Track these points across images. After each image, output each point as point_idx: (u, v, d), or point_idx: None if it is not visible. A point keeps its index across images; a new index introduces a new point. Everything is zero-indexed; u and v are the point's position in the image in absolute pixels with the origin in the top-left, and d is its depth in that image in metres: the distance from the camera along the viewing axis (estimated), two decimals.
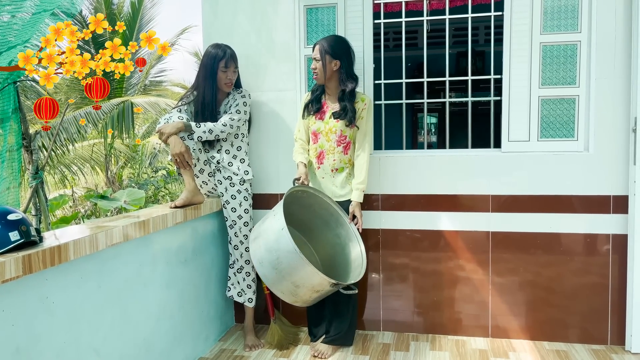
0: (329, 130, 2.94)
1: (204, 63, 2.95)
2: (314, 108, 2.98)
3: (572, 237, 2.98)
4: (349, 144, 2.95)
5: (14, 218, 1.72)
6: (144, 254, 2.42)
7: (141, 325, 2.38)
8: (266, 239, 2.58)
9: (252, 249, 2.66)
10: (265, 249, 2.56)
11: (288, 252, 2.47)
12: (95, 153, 11.30)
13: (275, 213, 2.62)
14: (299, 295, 2.60)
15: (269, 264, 2.54)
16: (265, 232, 2.61)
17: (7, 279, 1.58)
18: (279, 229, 2.52)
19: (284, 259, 2.49)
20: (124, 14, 12.19)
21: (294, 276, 2.51)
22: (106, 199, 5.93)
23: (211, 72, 2.92)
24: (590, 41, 2.89)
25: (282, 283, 2.56)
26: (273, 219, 2.61)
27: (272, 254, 2.52)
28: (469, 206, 3.09)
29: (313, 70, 2.89)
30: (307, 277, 2.51)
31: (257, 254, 2.61)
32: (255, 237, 2.67)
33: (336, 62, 2.86)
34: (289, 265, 2.49)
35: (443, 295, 3.16)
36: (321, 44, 2.85)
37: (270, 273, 2.55)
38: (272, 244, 2.53)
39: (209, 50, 2.96)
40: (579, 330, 3.00)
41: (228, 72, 2.93)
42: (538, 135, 3.00)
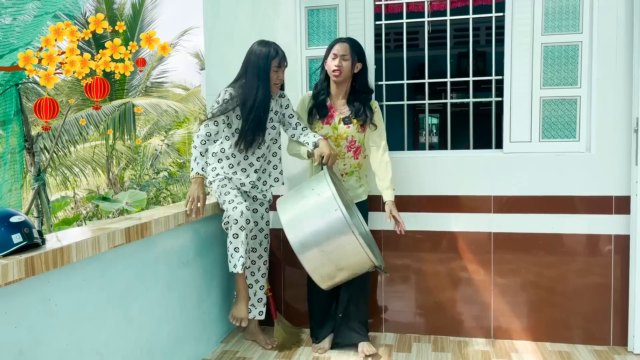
0: (338, 136, 2.88)
1: (253, 62, 2.74)
2: (320, 114, 2.89)
3: (574, 238, 2.97)
4: (359, 149, 2.93)
5: (16, 220, 1.72)
6: (146, 256, 2.43)
7: (143, 327, 2.38)
8: (311, 219, 2.46)
9: (290, 229, 2.49)
10: (311, 232, 2.44)
11: (341, 232, 2.39)
12: (96, 155, 11.31)
13: (318, 192, 2.49)
14: (336, 278, 2.53)
15: (315, 246, 2.43)
16: (307, 211, 2.50)
17: (9, 281, 1.58)
18: (330, 208, 2.41)
19: (334, 239, 2.41)
20: (125, 16, 12.21)
21: (343, 261, 2.45)
22: (108, 200, 5.93)
23: (264, 72, 2.71)
24: (592, 42, 2.89)
25: (326, 267, 2.48)
26: (317, 197, 2.48)
27: (320, 236, 2.42)
28: (471, 207, 3.08)
29: (337, 67, 2.75)
30: (357, 262, 2.46)
31: (299, 234, 2.46)
32: (292, 217, 2.52)
33: (358, 65, 2.81)
34: (341, 249, 2.42)
35: (445, 297, 3.16)
36: (348, 42, 2.78)
37: (316, 257, 2.45)
38: (321, 225, 2.42)
39: (257, 49, 2.76)
40: (581, 331, 3.00)
41: (279, 72, 2.78)
42: (540, 135, 3.00)
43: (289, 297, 3.37)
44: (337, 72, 2.77)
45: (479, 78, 3.21)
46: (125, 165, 12.06)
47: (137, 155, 11.79)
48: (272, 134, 2.92)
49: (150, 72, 13.89)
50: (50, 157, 9.41)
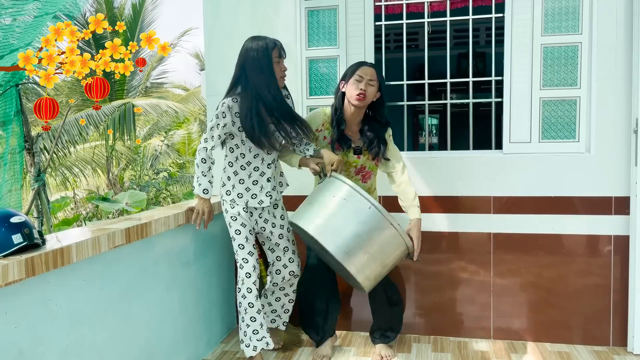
0: (347, 162, 2.74)
1: (252, 57, 2.50)
2: (344, 146, 2.70)
3: (573, 238, 2.98)
4: (369, 174, 2.80)
5: (16, 221, 1.72)
6: (146, 256, 2.43)
7: (143, 327, 2.38)
8: (349, 226, 2.38)
9: (332, 243, 2.37)
10: (352, 236, 2.36)
11: (383, 229, 2.36)
12: (96, 155, 11.31)
13: (343, 197, 2.40)
14: (380, 276, 2.48)
15: (360, 249, 2.36)
16: (342, 218, 2.40)
17: (10, 281, 1.59)
18: (364, 208, 2.36)
19: (378, 241, 2.38)
20: (125, 16, 12.22)
21: (388, 257, 2.43)
22: (108, 201, 5.93)
23: (268, 65, 2.48)
24: (591, 43, 2.89)
25: (371, 266, 2.41)
26: (344, 201, 2.40)
27: (362, 238, 2.36)
28: (471, 207, 3.09)
29: (362, 91, 2.56)
30: (398, 253, 2.44)
31: (339, 243, 2.36)
32: (325, 227, 2.41)
33: (378, 94, 2.67)
34: (385, 245, 2.40)
35: (445, 297, 3.16)
36: (374, 68, 2.64)
37: (361, 259, 2.37)
38: (362, 228, 2.36)
39: (253, 44, 2.53)
40: (581, 331, 3.00)
41: (281, 63, 2.58)
42: (539, 136, 3.01)
43: None
44: (361, 96, 2.58)
45: (479, 79, 3.22)
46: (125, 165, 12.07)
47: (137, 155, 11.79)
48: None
49: (150, 73, 13.90)
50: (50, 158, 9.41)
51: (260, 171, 2.64)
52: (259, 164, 2.63)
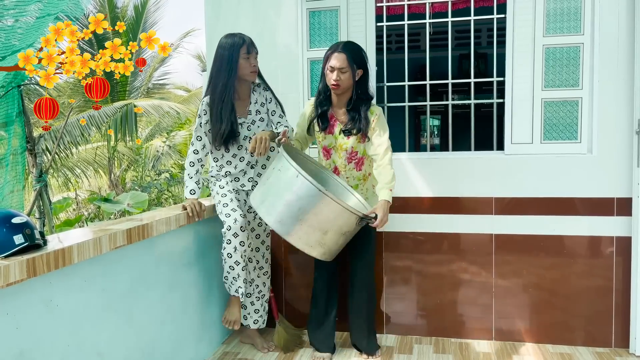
0: (339, 146, 2.79)
1: (219, 55, 2.67)
2: (322, 126, 2.78)
3: (575, 240, 2.97)
4: (361, 160, 2.80)
5: (18, 221, 1.72)
6: (148, 257, 2.43)
7: (145, 328, 2.38)
8: (279, 195, 2.44)
9: (264, 212, 2.49)
10: (283, 205, 2.43)
11: (310, 196, 2.37)
12: (98, 156, 11.32)
13: (279, 168, 2.48)
14: (327, 243, 2.48)
15: (290, 218, 2.42)
16: (273, 189, 2.48)
17: (11, 282, 1.59)
18: (292, 177, 2.39)
19: (308, 206, 2.38)
20: (127, 18, 12.24)
21: (322, 221, 2.41)
22: (110, 201, 5.94)
23: (230, 62, 2.63)
24: (594, 43, 2.89)
25: (311, 235, 2.44)
26: (278, 173, 2.48)
27: (293, 206, 2.40)
28: (472, 209, 3.08)
29: (336, 81, 2.60)
30: (335, 217, 2.41)
31: (273, 214, 2.46)
32: (262, 200, 2.52)
33: (359, 72, 2.65)
34: (315, 210, 2.39)
35: (446, 298, 3.16)
36: (345, 53, 2.60)
37: (296, 227, 2.43)
38: (290, 196, 2.40)
39: (223, 42, 2.69)
40: (583, 333, 2.99)
41: (251, 59, 2.68)
42: (541, 137, 3.00)
43: (290, 298, 3.37)
44: (335, 86, 2.63)
45: (481, 80, 3.21)
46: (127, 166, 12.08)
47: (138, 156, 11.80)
48: (261, 126, 2.84)
49: (152, 74, 13.92)
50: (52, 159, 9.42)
51: (246, 160, 2.85)
52: (244, 154, 2.83)
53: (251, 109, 2.82)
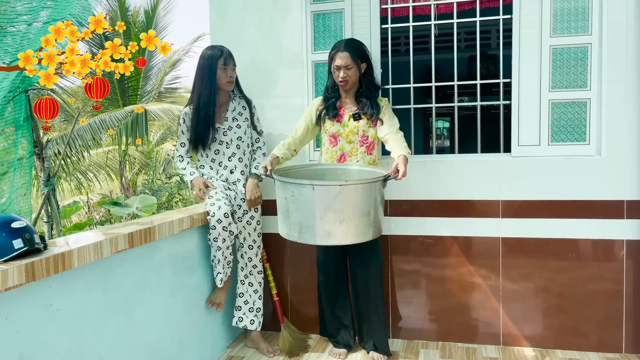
0: (349, 132, 2.87)
1: (200, 65, 2.90)
2: (331, 114, 2.90)
3: (584, 243, 2.92)
4: (372, 144, 2.88)
5: (17, 226, 1.72)
6: (150, 261, 2.43)
7: (147, 332, 2.38)
8: (310, 215, 2.43)
9: (309, 238, 2.49)
10: (319, 219, 2.42)
11: (336, 194, 2.39)
12: (110, 160, 11.41)
13: (291, 194, 2.47)
14: (375, 220, 2.50)
15: (334, 225, 2.42)
16: (301, 214, 2.47)
17: (9, 286, 1.59)
18: (309, 192, 2.41)
19: (339, 204, 2.39)
20: (138, 22, 12.34)
21: (359, 206, 2.42)
22: (119, 205, 5.97)
23: (209, 73, 2.87)
24: (602, 43, 2.84)
25: (359, 225, 2.44)
26: (294, 199, 2.46)
27: (328, 215, 2.40)
28: (479, 212, 3.04)
29: (343, 79, 2.78)
30: (367, 195, 2.45)
31: (318, 234, 2.45)
32: (299, 230, 2.50)
33: (364, 65, 2.81)
34: (347, 203, 2.39)
35: (453, 302, 3.12)
36: (347, 51, 2.76)
37: (344, 228, 2.42)
38: (320, 208, 2.40)
39: (204, 53, 2.92)
40: (592, 338, 2.94)
41: (228, 70, 2.88)
42: (549, 139, 2.96)
43: (295, 302, 3.36)
44: (343, 83, 2.80)
45: (486, 81, 3.17)
46: (138, 170, 12.15)
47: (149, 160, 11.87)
48: (237, 132, 2.99)
49: (164, 78, 14.00)
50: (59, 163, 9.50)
51: (224, 165, 2.99)
52: (222, 159, 2.99)
53: (228, 116, 3.00)
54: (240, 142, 3.00)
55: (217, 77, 2.88)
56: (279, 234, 3.28)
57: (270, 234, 3.30)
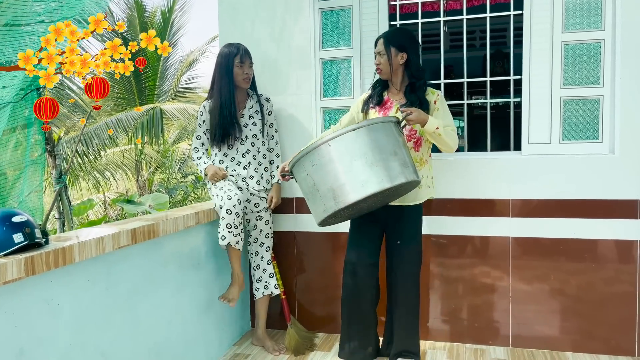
0: None
1: (218, 63, 2.93)
2: (374, 101, 2.74)
3: (597, 243, 2.85)
4: (420, 140, 2.66)
5: (18, 220, 1.74)
6: (155, 257, 2.43)
7: (152, 329, 2.38)
8: (338, 176, 2.23)
9: (341, 202, 2.22)
10: (349, 174, 2.22)
11: (356, 141, 2.23)
12: (126, 159, 11.53)
13: (312, 165, 2.28)
14: (404, 160, 2.28)
15: (365, 174, 2.20)
16: (328, 181, 2.25)
17: (8, 280, 1.60)
18: (327, 152, 2.23)
19: (363, 149, 2.22)
20: (155, 23, 12.45)
21: (384, 148, 2.24)
22: (132, 203, 6.02)
23: (227, 70, 2.89)
24: (615, 39, 2.78)
25: (390, 167, 2.22)
26: (316, 168, 2.27)
27: (356, 165, 2.21)
28: (489, 211, 2.99)
29: (377, 65, 2.68)
30: (386, 135, 2.27)
31: (352, 192, 2.20)
32: (333, 197, 2.24)
33: (403, 55, 2.64)
34: (371, 147, 2.22)
35: (462, 303, 3.07)
36: (385, 36, 2.68)
37: (375, 174, 2.20)
38: (345, 162, 2.22)
39: (222, 50, 2.96)
40: (604, 341, 2.87)
41: (244, 67, 2.90)
42: (560, 137, 2.90)
43: (302, 301, 3.34)
44: (377, 69, 2.70)
45: (495, 78, 3.12)
46: (154, 169, 12.26)
47: (165, 159, 11.97)
48: (253, 130, 3.01)
49: (180, 78, 14.11)
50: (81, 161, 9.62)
51: (237, 161, 3.00)
52: (236, 155, 3.00)
53: (245, 113, 3.01)
54: (255, 139, 3.00)
55: (234, 75, 2.90)
56: (285, 232, 3.30)
57: (277, 232, 3.29)
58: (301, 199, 3.26)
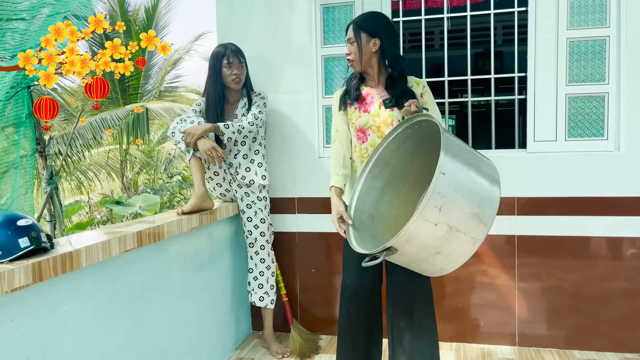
0: (382, 122, 2.31)
1: (209, 65, 2.92)
2: (352, 96, 2.38)
3: (602, 241, 2.85)
4: None
5: (23, 224, 1.65)
6: (159, 261, 2.35)
7: (156, 334, 2.30)
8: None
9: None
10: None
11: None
12: (110, 159, 11.33)
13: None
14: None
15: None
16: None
17: (16, 287, 1.51)
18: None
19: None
20: (139, 21, 12.26)
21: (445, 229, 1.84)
22: (121, 204, 5.89)
23: (214, 71, 2.87)
24: (620, 36, 2.77)
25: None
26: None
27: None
28: None
29: (347, 55, 2.34)
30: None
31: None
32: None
33: (375, 41, 2.28)
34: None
35: (467, 302, 3.04)
36: (355, 21, 2.32)
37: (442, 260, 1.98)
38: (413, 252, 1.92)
39: (213, 51, 2.93)
40: (611, 338, 2.86)
41: (232, 67, 2.85)
42: (565, 134, 2.88)
43: (305, 303, 3.28)
44: (349, 60, 2.35)
45: (501, 75, 3.10)
46: (139, 169, 12.08)
47: (150, 159, 11.80)
48: None
49: (164, 77, 13.93)
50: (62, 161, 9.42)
51: (228, 162, 2.98)
52: (227, 154, 2.96)
53: (237, 113, 2.95)
54: (244, 139, 2.92)
55: (223, 75, 2.87)
56: (286, 233, 3.24)
57: (277, 232, 3.23)
58: (303, 199, 3.20)
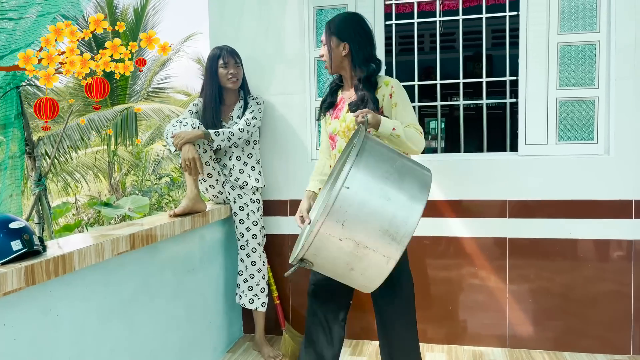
0: (346, 128, 2.24)
1: (206, 68, 2.96)
2: (327, 103, 2.37)
3: (592, 243, 2.88)
4: None
5: (16, 226, 1.62)
6: (151, 263, 2.33)
7: (148, 337, 2.28)
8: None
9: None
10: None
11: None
12: (98, 160, 11.23)
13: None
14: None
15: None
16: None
17: (8, 291, 1.49)
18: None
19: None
20: (127, 21, 12.18)
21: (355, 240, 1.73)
22: (110, 206, 5.84)
23: (211, 73, 2.90)
24: (610, 41, 2.81)
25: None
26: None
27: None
28: (485, 212, 2.99)
29: (321, 57, 2.31)
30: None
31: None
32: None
33: (344, 45, 2.22)
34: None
35: (458, 305, 3.06)
36: (327, 23, 2.28)
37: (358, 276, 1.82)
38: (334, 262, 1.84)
39: (209, 54, 2.96)
40: (600, 340, 2.89)
41: (228, 67, 2.88)
42: (556, 138, 2.91)
43: (297, 306, 3.27)
44: (324, 61, 2.32)
45: (493, 79, 3.12)
46: (127, 171, 11.98)
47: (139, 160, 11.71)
48: None
49: (153, 78, 13.85)
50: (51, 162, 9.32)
51: (222, 163, 3.00)
52: (221, 155, 3.01)
53: (233, 115, 2.97)
54: (238, 140, 2.89)
55: (219, 76, 2.89)
56: (278, 235, 3.23)
57: (269, 234, 3.22)
58: (295, 201, 3.20)
